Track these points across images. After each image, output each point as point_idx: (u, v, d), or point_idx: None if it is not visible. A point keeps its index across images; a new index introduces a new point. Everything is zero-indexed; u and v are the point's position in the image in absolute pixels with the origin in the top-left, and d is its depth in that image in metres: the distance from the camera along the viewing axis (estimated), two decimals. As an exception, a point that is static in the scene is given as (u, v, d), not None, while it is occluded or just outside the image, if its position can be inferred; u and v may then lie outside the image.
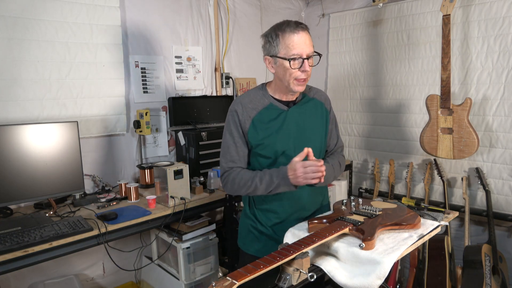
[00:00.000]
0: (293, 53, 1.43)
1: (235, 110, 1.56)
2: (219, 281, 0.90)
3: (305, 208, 1.64)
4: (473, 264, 2.34)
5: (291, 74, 1.46)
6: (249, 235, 1.67)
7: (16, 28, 2.11)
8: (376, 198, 3.04)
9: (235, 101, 1.59)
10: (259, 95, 1.58)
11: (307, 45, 1.45)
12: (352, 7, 3.29)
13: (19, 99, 2.15)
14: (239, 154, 1.57)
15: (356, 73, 3.31)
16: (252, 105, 1.56)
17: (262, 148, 1.55)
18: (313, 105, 1.63)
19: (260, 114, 1.55)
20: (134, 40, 2.62)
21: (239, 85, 3.28)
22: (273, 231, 1.62)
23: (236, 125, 1.55)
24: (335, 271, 1.16)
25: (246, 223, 1.69)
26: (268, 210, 1.62)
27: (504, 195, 2.57)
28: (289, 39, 1.43)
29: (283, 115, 1.56)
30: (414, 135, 2.95)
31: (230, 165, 1.57)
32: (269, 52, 1.50)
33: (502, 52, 2.49)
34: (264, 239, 1.63)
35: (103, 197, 2.28)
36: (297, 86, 1.49)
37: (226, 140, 1.58)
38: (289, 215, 1.61)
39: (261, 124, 1.54)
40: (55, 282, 2.28)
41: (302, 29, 1.45)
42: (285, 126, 1.55)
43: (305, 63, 1.44)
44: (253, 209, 1.66)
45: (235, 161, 1.56)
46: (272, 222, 1.62)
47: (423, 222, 1.37)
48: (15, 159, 1.91)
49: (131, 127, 2.62)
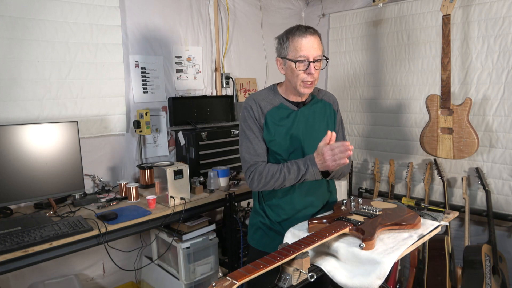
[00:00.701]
0: (299, 55, 1.49)
1: (250, 106, 1.60)
2: (219, 281, 0.90)
3: (313, 204, 1.66)
4: (473, 264, 2.35)
5: (298, 75, 1.52)
6: (259, 231, 1.70)
7: (16, 28, 2.11)
8: (376, 198, 3.04)
9: (248, 98, 1.64)
10: (271, 94, 1.64)
11: (315, 49, 1.49)
12: (352, 7, 3.29)
13: (19, 99, 2.15)
14: (262, 148, 1.60)
15: (356, 73, 3.31)
16: (264, 103, 1.61)
17: (274, 145, 1.60)
18: (321, 107, 1.68)
19: (271, 112, 1.59)
20: (134, 40, 2.62)
21: (239, 85, 3.28)
22: (282, 227, 1.63)
23: (254, 120, 1.59)
24: (335, 271, 1.16)
25: (256, 219, 1.72)
26: (277, 206, 1.64)
27: (504, 195, 2.57)
28: (297, 42, 1.49)
29: (293, 114, 1.61)
30: (414, 135, 2.95)
31: (256, 159, 1.58)
32: (280, 54, 1.57)
33: (502, 52, 2.49)
34: (273, 234, 1.65)
35: (103, 197, 2.28)
36: (304, 88, 1.54)
37: (247, 135, 1.60)
38: (297, 212, 1.63)
39: (274, 121, 1.59)
40: (55, 282, 2.28)
41: (311, 33, 1.50)
42: (295, 125, 1.60)
43: (311, 66, 1.49)
44: (263, 205, 1.68)
45: (260, 155, 1.59)
46: (281, 218, 1.64)
47: (423, 222, 1.37)
48: (15, 159, 1.91)
49: (131, 127, 2.62)
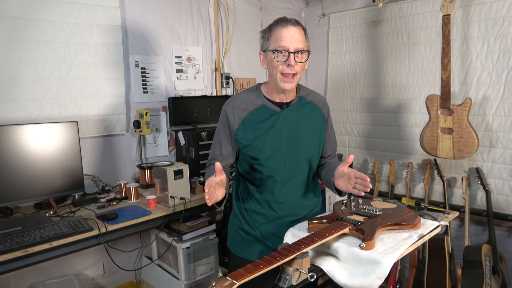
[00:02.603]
0: (279, 45, 1.42)
1: (225, 110, 1.59)
2: (219, 281, 0.90)
3: (294, 213, 1.63)
4: (473, 264, 2.34)
5: (277, 67, 1.44)
6: (237, 236, 1.70)
7: (16, 28, 2.11)
8: (376, 198, 3.03)
9: (227, 101, 1.61)
10: (253, 95, 1.58)
11: (295, 40, 1.42)
12: (352, 7, 3.28)
13: (19, 99, 2.15)
14: (222, 153, 1.62)
15: (356, 73, 3.31)
16: (244, 105, 1.56)
17: (251, 149, 1.55)
18: (309, 109, 1.60)
19: (251, 115, 1.54)
20: (134, 40, 2.62)
21: (239, 85, 3.27)
22: (260, 233, 1.62)
23: (224, 124, 1.59)
24: (335, 271, 1.16)
25: (234, 222, 1.73)
26: (255, 212, 1.63)
27: (504, 195, 2.57)
28: (277, 32, 1.44)
29: (275, 116, 1.54)
30: (414, 135, 2.95)
31: (210, 162, 1.66)
32: (262, 47, 1.53)
33: (502, 52, 2.49)
34: (251, 240, 1.64)
35: (103, 197, 2.28)
36: (284, 82, 1.45)
37: (214, 138, 1.66)
38: (274, 219, 1.61)
39: (252, 124, 1.54)
40: (55, 282, 2.28)
41: (292, 24, 1.44)
42: (275, 128, 1.53)
43: (291, 56, 1.41)
44: (241, 208, 1.68)
45: (216, 159, 1.62)
46: (258, 223, 1.62)
47: (423, 222, 1.37)
48: (15, 159, 1.91)
49: (131, 127, 2.62)
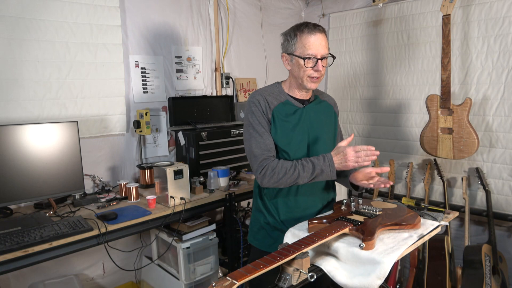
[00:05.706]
0: (308, 52, 1.50)
1: (258, 100, 1.57)
2: (219, 281, 0.90)
3: (316, 204, 1.67)
4: (473, 264, 2.35)
5: (305, 71, 1.53)
6: (261, 231, 1.68)
7: (16, 28, 2.11)
8: (376, 198, 3.04)
9: (254, 93, 1.61)
10: (276, 90, 1.64)
11: (322, 47, 1.52)
12: (352, 7, 3.28)
13: (19, 99, 2.15)
14: (272, 143, 1.57)
15: (356, 73, 3.31)
16: (271, 98, 1.60)
17: (277, 140, 1.58)
18: (324, 107, 1.71)
19: (278, 107, 1.59)
20: (134, 40, 2.62)
21: (239, 85, 3.27)
22: (285, 226, 1.61)
23: (262, 114, 1.57)
24: (335, 271, 1.16)
25: (258, 218, 1.70)
26: (282, 204, 1.64)
27: (504, 195, 2.57)
28: (306, 39, 1.50)
29: (300, 111, 1.62)
30: (414, 135, 2.94)
31: (267, 154, 1.53)
32: (287, 50, 1.58)
33: (502, 52, 2.49)
34: (277, 234, 1.64)
35: (103, 197, 2.28)
36: (310, 83, 1.56)
37: (256, 129, 1.55)
38: (302, 210, 1.64)
39: (280, 116, 1.59)
40: (55, 282, 2.28)
41: (319, 31, 1.52)
42: (301, 122, 1.61)
43: (319, 63, 1.52)
44: (265, 203, 1.67)
45: (270, 150, 1.56)
46: (286, 216, 1.63)
47: (423, 222, 1.38)
48: (15, 159, 1.91)
49: (131, 127, 2.62)
